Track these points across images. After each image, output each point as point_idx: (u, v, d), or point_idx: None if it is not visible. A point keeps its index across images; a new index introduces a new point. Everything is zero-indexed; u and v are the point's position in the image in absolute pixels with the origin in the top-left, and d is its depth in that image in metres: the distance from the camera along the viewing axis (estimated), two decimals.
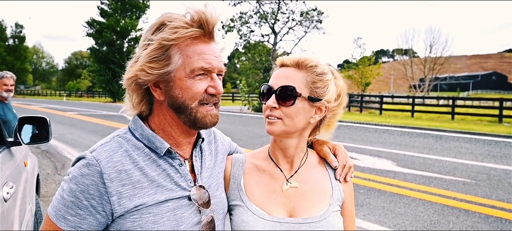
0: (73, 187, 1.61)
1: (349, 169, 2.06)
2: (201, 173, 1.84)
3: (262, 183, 1.98)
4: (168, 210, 1.67)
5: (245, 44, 45.19)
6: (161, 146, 1.72)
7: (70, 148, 15.34)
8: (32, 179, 5.12)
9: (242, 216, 1.89)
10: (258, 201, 1.92)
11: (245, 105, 41.26)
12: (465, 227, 7.06)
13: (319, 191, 1.97)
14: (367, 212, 7.68)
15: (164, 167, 1.72)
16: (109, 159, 1.64)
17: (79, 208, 1.60)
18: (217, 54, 1.69)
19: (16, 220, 3.67)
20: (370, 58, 57.77)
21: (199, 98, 1.66)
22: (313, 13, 43.78)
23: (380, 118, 30.34)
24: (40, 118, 4.46)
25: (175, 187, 1.72)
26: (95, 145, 1.71)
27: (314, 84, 1.87)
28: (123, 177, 1.63)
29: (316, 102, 1.88)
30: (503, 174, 10.96)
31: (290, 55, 1.95)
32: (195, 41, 1.64)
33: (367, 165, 11.86)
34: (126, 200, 1.62)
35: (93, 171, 1.60)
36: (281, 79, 1.88)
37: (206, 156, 1.92)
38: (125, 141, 1.73)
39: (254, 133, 19.43)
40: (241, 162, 2.06)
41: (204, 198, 1.78)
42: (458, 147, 15.68)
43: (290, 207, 1.91)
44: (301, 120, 1.89)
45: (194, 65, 1.63)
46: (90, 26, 71.33)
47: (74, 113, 34.99)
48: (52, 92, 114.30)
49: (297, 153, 1.99)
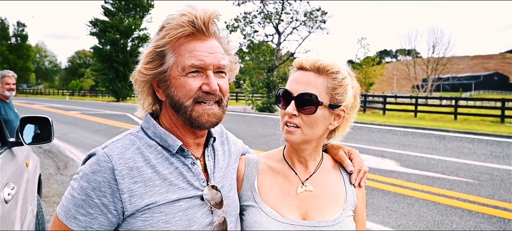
0: (84, 185, 1.59)
1: (364, 174, 2.03)
2: (214, 173, 1.82)
3: (276, 184, 1.94)
4: (180, 209, 1.65)
5: (249, 44, 45.08)
6: (173, 143, 1.71)
7: (72, 148, 15.30)
8: (34, 180, 5.10)
9: (255, 217, 1.86)
10: (272, 203, 1.89)
11: (248, 105, 41.27)
12: (468, 227, 7.03)
13: (333, 195, 1.94)
14: (371, 213, 7.65)
15: (177, 165, 1.70)
16: (121, 156, 1.62)
17: (90, 207, 1.57)
18: (213, 50, 1.66)
19: (18, 221, 3.65)
20: (374, 58, 57.85)
21: (194, 96, 1.64)
22: (317, 13, 43.67)
23: (384, 118, 30.34)
24: (43, 118, 4.43)
25: (187, 186, 1.69)
26: (107, 142, 1.70)
27: (334, 91, 1.81)
28: (134, 174, 1.61)
29: (336, 108, 1.84)
30: (506, 174, 10.94)
31: (309, 58, 1.87)
32: (188, 40, 1.64)
33: (371, 165, 11.80)
34: (137, 198, 1.59)
35: (104, 167, 1.58)
36: (301, 84, 1.81)
37: (219, 156, 1.90)
38: (137, 139, 1.72)
39: (257, 133, 19.42)
40: (255, 162, 2.03)
41: (217, 199, 1.75)
42: (461, 147, 15.66)
43: (304, 210, 1.88)
44: (320, 128, 1.85)
45: (185, 62, 1.62)
46: (93, 25, 71.42)
47: (77, 112, 34.98)
48: (55, 91, 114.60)
49: (313, 157, 1.97)
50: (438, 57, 72.45)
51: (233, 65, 1.83)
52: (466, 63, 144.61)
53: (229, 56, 1.78)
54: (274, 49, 44.62)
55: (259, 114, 34.07)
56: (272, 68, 41.50)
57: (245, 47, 45.39)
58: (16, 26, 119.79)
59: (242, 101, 48.54)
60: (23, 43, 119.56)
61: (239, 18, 44.20)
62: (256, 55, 42.90)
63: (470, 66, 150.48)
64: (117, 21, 68.93)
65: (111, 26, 68.79)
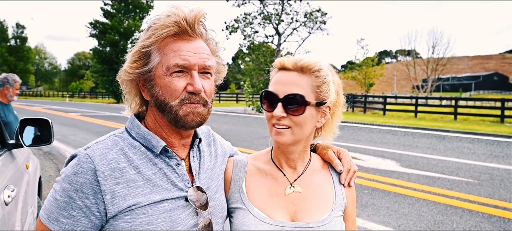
0: (66, 186, 1.57)
1: (353, 174, 2.02)
2: (199, 174, 1.80)
3: (265, 186, 1.93)
4: (163, 211, 1.63)
5: (249, 45, 45.12)
6: (157, 144, 1.69)
7: (73, 150, 15.15)
8: (34, 182, 5.09)
9: (243, 219, 1.84)
10: (260, 205, 1.87)
11: (249, 106, 41.28)
12: (468, 227, 7.03)
13: (322, 195, 1.93)
14: (372, 213, 7.65)
15: (161, 166, 1.69)
16: (103, 157, 1.60)
17: (72, 209, 1.56)
18: (198, 51, 1.65)
19: (18, 223, 3.65)
20: (374, 59, 57.83)
21: (180, 96, 1.63)
22: (317, 14, 43.79)
23: (384, 119, 30.31)
24: (42, 120, 4.42)
25: (171, 186, 1.68)
26: (90, 143, 1.68)
27: (319, 88, 1.80)
28: (117, 175, 1.59)
29: (322, 106, 1.83)
30: (505, 174, 10.95)
31: (289, 58, 1.85)
32: (174, 39, 1.64)
33: (371, 166, 11.84)
34: (119, 200, 1.57)
35: (86, 168, 1.57)
36: (285, 85, 1.79)
37: (205, 157, 1.88)
38: (121, 140, 1.70)
39: (258, 134, 19.38)
40: (243, 164, 2.01)
41: (202, 200, 1.73)
42: (461, 147, 15.67)
43: (293, 211, 1.87)
44: (309, 128, 1.84)
45: (169, 62, 1.62)
46: (93, 27, 71.34)
47: (77, 114, 34.99)
48: (54, 93, 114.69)
49: (301, 158, 1.95)
50: (438, 57, 72.58)
51: (221, 67, 1.82)
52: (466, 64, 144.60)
53: (216, 58, 1.77)
54: (274, 50, 44.71)
55: (259, 115, 34.00)
56: None
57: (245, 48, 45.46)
58: (15, 27, 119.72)
59: (243, 102, 48.52)
60: (23, 45, 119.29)
61: (239, 19, 44.25)
62: (257, 56, 42.97)
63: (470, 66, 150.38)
64: (117, 22, 68.84)
65: (110, 28, 68.68)
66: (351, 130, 20.82)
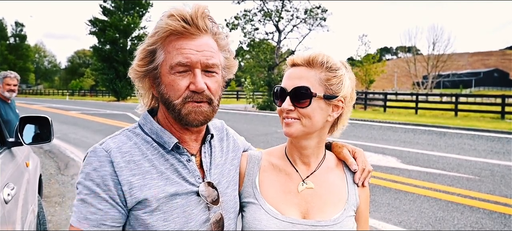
0: (88, 184, 1.58)
1: (368, 174, 2.01)
2: (210, 170, 1.81)
3: (278, 182, 1.93)
4: (177, 206, 1.64)
5: (250, 42, 45.02)
6: (169, 140, 1.70)
7: (73, 148, 15.31)
8: (34, 180, 5.08)
9: (255, 214, 1.84)
10: (273, 200, 1.87)
11: (249, 103, 41.28)
12: (469, 223, 7.03)
13: (335, 194, 1.92)
14: (373, 210, 7.64)
15: (172, 162, 1.70)
16: (118, 149, 1.63)
17: (99, 204, 1.56)
18: (201, 48, 1.63)
19: (18, 221, 3.64)
20: (375, 55, 57.83)
21: (183, 95, 1.62)
22: (317, 11, 43.62)
23: (384, 115, 30.35)
24: (42, 118, 4.42)
25: (183, 182, 1.69)
26: (104, 139, 1.70)
27: (328, 82, 1.80)
28: (132, 167, 1.61)
29: (332, 99, 1.82)
30: (506, 170, 10.95)
31: (300, 54, 1.88)
32: (177, 37, 1.63)
33: (372, 162, 11.76)
34: (136, 191, 1.59)
35: (104, 162, 1.59)
36: (293, 79, 1.82)
37: (216, 153, 1.89)
38: (134, 135, 1.73)
39: (258, 131, 19.41)
40: (257, 159, 2.01)
41: (213, 196, 1.74)
42: (461, 143, 15.67)
43: (305, 208, 1.86)
44: (319, 120, 1.83)
45: (172, 60, 1.61)
46: (93, 24, 71.31)
47: (77, 112, 34.97)
48: (54, 91, 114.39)
49: (315, 154, 1.94)
50: (438, 54, 72.57)
51: (230, 62, 1.80)
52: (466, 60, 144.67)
53: (225, 53, 1.75)
54: (274, 47, 44.59)
55: (260, 112, 34.07)
56: (272, 66, 41.50)
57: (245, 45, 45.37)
58: (14, 26, 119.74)
59: (243, 99, 48.50)
60: (22, 43, 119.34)
61: (239, 16, 44.14)
62: (257, 53, 42.87)
63: (470, 62, 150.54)
64: (116, 20, 68.84)
65: (110, 25, 68.71)
66: (352, 127, 20.59)
